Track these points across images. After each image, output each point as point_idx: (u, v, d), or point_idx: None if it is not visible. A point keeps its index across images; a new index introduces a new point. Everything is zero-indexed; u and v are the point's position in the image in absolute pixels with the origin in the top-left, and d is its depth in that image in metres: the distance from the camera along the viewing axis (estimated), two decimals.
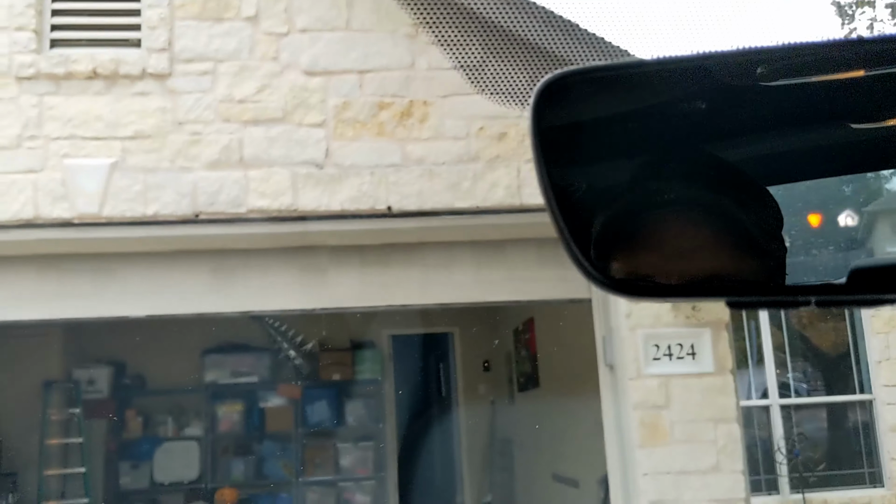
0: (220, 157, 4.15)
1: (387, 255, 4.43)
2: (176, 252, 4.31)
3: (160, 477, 8.88)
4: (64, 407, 8.16)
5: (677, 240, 0.80)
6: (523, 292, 4.60)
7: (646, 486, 4.16)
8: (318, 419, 9.33)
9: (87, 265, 4.30)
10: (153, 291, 4.30)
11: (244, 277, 4.37)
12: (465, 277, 4.46)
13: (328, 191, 4.17)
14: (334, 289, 4.40)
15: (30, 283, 4.25)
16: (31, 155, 4.07)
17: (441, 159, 4.27)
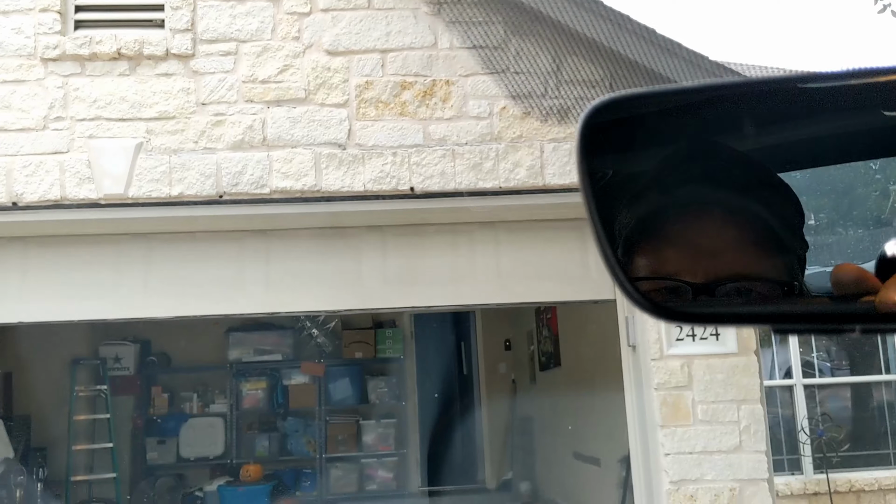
0: (244, 137, 4.17)
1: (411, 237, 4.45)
2: (200, 233, 4.35)
3: (186, 452, 9.02)
4: (91, 384, 8.30)
5: (704, 239, 0.81)
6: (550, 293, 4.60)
7: (668, 465, 4.17)
8: (340, 397, 9.41)
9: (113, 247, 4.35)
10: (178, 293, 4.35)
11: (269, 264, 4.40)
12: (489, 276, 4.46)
13: (351, 171, 4.18)
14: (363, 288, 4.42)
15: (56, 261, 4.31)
16: (58, 136, 4.11)
17: (463, 139, 4.26)
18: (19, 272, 4.28)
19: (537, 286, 4.51)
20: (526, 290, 4.52)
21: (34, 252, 4.31)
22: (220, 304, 4.41)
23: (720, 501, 4.14)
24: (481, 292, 4.50)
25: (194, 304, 4.35)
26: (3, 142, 4.08)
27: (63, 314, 4.34)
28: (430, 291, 4.47)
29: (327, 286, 4.40)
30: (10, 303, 4.26)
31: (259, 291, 4.37)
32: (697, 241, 0.81)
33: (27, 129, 4.10)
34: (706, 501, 4.14)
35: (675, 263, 0.81)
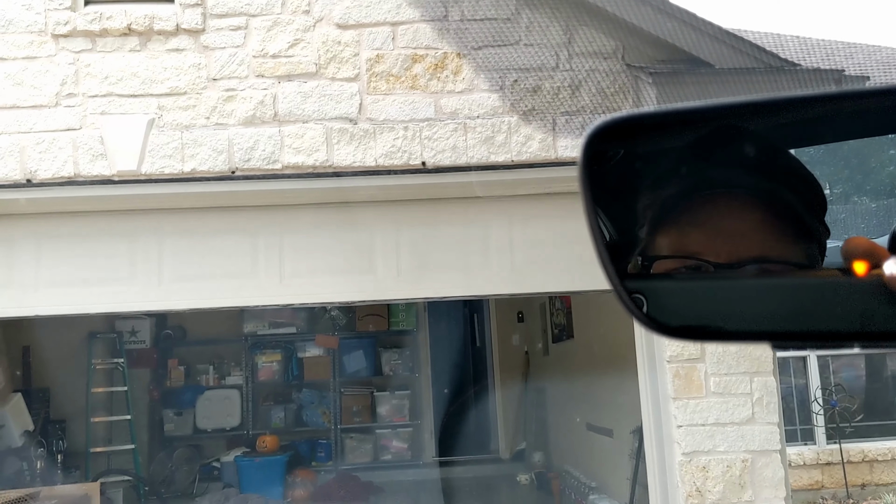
0: (255, 113, 4.16)
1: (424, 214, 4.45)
2: (213, 208, 4.36)
3: (203, 424, 9.13)
4: (108, 357, 8.39)
5: (728, 220, 0.82)
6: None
7: (680, 437, 4.19)
8: (354, 369, 9.49)
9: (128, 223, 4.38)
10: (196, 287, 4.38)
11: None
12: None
13: (362, 146, 4.17)
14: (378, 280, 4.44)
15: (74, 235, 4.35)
16: (70, 113, 4.12)
17: (475, 113, 4.24)
18: (33, 254, 4.31)
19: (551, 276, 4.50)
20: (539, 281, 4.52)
21: (48, 231, 4.34)
22: (234, 296, 4.43)
23: (732, 472, 4.17)
24: (496, 284, 4.50)
25: (208, 296, 4.38)
26: (15, 119, 4.09)
27: (78, 306, 4.37)
28: (443, 277, 4.47)
29: (340, 271, 4.41)
30: (24, 291, 4.29)
31: (273, 284, 4.38)
32: (721, 222, 0.82)
33: (39, 106, 4.11)
34: (718, 472, 4.16)
35: (698, 244, 0.82)
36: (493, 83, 4.25)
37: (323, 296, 4.54)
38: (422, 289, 4.51)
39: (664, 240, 0.85)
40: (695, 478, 4.16)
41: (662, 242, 0.85)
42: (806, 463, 7.51)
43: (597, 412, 6.78)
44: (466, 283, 4.45)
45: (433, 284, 4.44)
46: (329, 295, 4.55)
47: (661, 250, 0.84)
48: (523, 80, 4.24)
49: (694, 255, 0.81)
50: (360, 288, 4.45)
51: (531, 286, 4.56)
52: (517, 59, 4.22)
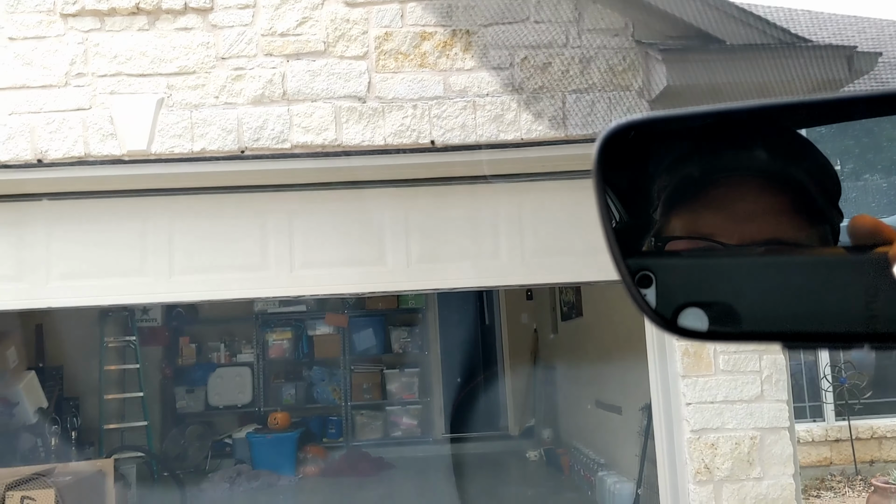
0: (264, 92, 4.16)
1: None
2: (223, 188, 4.37)
3: (214, 401, 9.22)
4: (120, 335, 8.46)
5: (742, 203, 0.83)
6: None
7: (689, 414, 4.20)
8: (364, 347, 9.54)
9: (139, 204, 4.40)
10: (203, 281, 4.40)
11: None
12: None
13: (371, 125, 4.17)
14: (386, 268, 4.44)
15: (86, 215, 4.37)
16: (80, 92, 4.12)
17: (484, 90, 4.22)
18: (44, 238, 4.34)
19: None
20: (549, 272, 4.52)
21: (59, 212, 4.36)
22: (244, 288, 4.45)
23: (741, 449, 4.19)
24: (506, 274, 4.49)
25: (219, 287, 4.39)
26: (25, 98, 4.10)
27: (89, 298, 4.40)
28: (453, 267, 4.46)
29: (350, 262, 4.41)
30: (36, 280, 4.32)
31: (283, 274, 4.39)
32: (735, 204, 0.83)
33: (49, 86, 4.12)
34: (727, 449, 4.18)
35: (710, 225, 0.82)
36: (503, 61, 4.23)
37: (333, 287, 4.55)
38: (432, 280, 4.51)
39: (677, 221, 0.85)
40: (703, 455, 4.18)
41: (675, 224, 0.85)
42: (815, 440, 7.53)
43: (605, 389, 6.81)
44: (477, 274, 4.45)
45: (443, 275, 4.44)
46: (339, 287, 4.56)
47: (673, 232, 0.85)
48: (532, 57, 4.21)
49: (707, 236, 0.82)
50: (370, 279, 4.45)
51: (542, 276, 4.55)
52: (526, 36, 4.20)
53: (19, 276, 4.33)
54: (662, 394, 4.37)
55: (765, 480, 4.18)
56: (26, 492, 5.11)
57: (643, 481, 5.53)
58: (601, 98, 4.18)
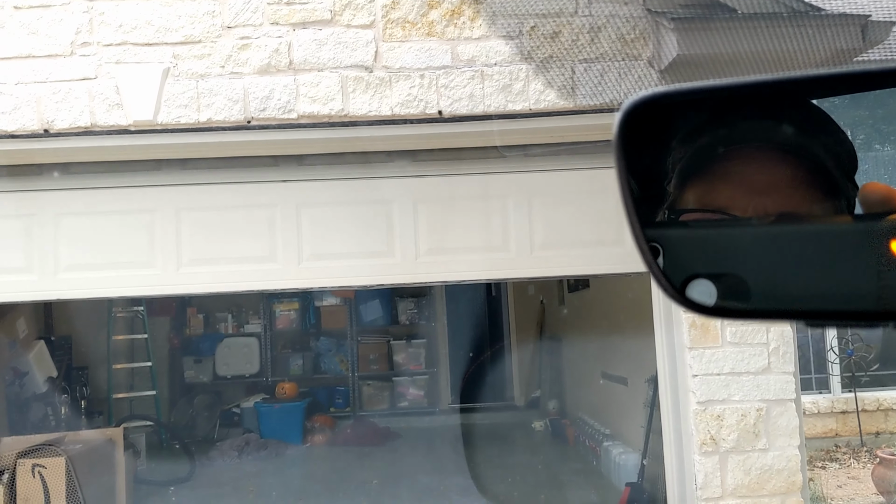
0: (270, 61, 4.13)
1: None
2: (230, 158, 4.36)
3: (222, 371, 9.28)
4: (128, 305, 8.49)
5: (757, 175, 0.81)
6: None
7: (695, 386, 4.21)
8: (371, 318, 9.57)
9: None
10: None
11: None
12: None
13: (378, 95, 4.14)
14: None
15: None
16: (85, 62, 4.10)
17: (492, 60, 4.18)
18: (52, 231, 4.33)
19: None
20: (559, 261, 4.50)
21: (66, 202, 4.35)
22: (252, 280, 4.45)
23: (747, 421, 4.20)
24: (515, 267, 4.48)
25: (227, 279, 4.40)
26: (31, 68, 4.08)
27: (99, 288, 4.41)
28: (461, 259, 4.44)
29: (359, 254, 4.41)
30: (45, 272, 4.32)
31: (291, 267, 4.39)
32: (750, 177, 0.81)
33: (55, 56, 4.09)
34: (733, 421, 4.19)
35: (725, 198, 0.81)
36: (511, 29, 4.18)
37: (341, 279, 4.54)
38: (440, 272, 4.49)
39: (691, 194, 0.84)
40: (709, 426, 4.19)
41: (689, 197, 0.84)
42: (820, 411, 7.55)
43: (612, 361, 6.82)
44: (487, 266, 4.44)
45: (452, 266, 4.41)
46: (347, 279, 4.55)
47: (687, 204, 0.84)
48: (541, 26, 4.16)
49: (721, 209, 0.81)
50: (379, 271, 4.44)
51: (552, 268, 4.53)
52: (535, 4, 4.14)
53: (28, 267, 4.34)
54: (669, 365, 4.37)
55: (770, 452, 4.20)
56: (37, 459, 5.16)
57: (648, 452, 5.56)
58: (611, 68, 4.14)
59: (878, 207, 0.67)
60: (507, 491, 6.07)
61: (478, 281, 4.71)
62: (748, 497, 4.17)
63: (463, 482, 6.12)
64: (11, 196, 4.33)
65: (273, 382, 9.11)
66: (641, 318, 4.74)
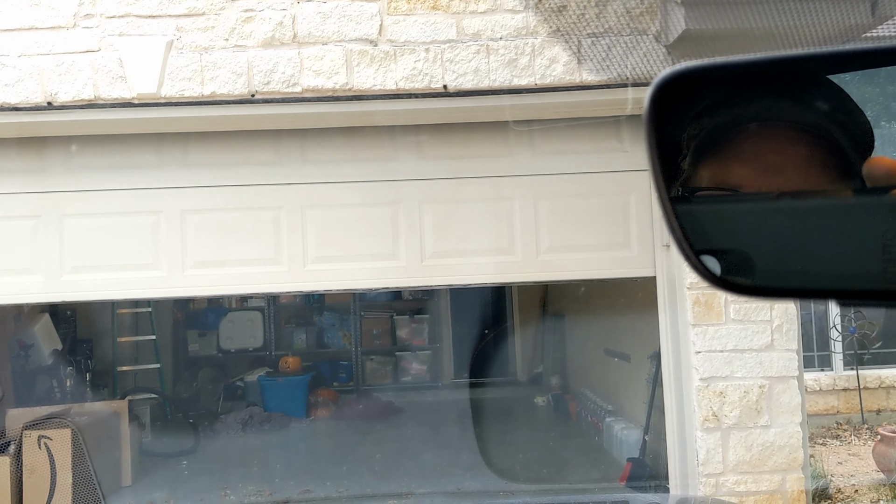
0: (274, 34, 4.10)
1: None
2: (234, 132, 4.34)
3: (226, 345, 9.32)
4: None
5: (772, 155, 0.81)
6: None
7: (698, 363, 4.22)
8: (374, 293, 9.58)
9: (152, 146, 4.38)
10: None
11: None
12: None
13: (382, 69, 4.11)
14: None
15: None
16: (88, 34, 4.07)
17: (498, 34, 4.15)
18: (56, 232, 4.32)
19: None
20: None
21: (72, 185, 4.34)
22: (257, 282, 4.46)
23: (749, 398, 4.21)
24: (522, 269, 4.49)
25: (233, 282, 4.40)
26: (34, 40, 4.06)
27: (104, 290, 4.41)
28: (468, 261, 4.43)
29: (364, 256, 4.41)
30: (51, 270, 4.31)
31: (297, 268, 4.38)
32: (765, 156, 0.81)
33: (58, 28, 4.06)
34: (735, 398, 4.21)
35: (739, 177, 0.80)
36: (517, 3, 4.14)
37: (346, 282, 4.52)
38: (446, 275, 4.47)
39: (705, 172, 0.83)
40: (711, 403, 4.21)
41: (703, 174, 0.83)
42: (822, 388, 7.57)
43: (615, 337, 6.83)
44: (493, 269, 4.43)
45: (457, 270, 4.40)
46: (352, 282, 4.53)
47: (701, 182, 0.83)
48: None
49: (734, 188, 0.80)
50: (385, 273, 4.43)
51: (558, 271, 4.51)
52: None
53: (34, 269, 4.32)
54: (672, 342, 4.38)
55: (772, 428, 4.22)
56: (43, 431, 5.21)
57: (650, 428, 5.59)
58: (617, 42, 4.11)
59: (884, 182, 0.67)
60: (509, 465, 6.11)
61: (483, 285, 4.71)
62: (749, 473, 4.20)
63: (465, 456, 6.16)
64: (17, 197, 4.30)
65: (277, 356, 9.14)
66: (645, 295, 4.74)
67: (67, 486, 5.08)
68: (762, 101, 0.82)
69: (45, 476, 5.08)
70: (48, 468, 5.09)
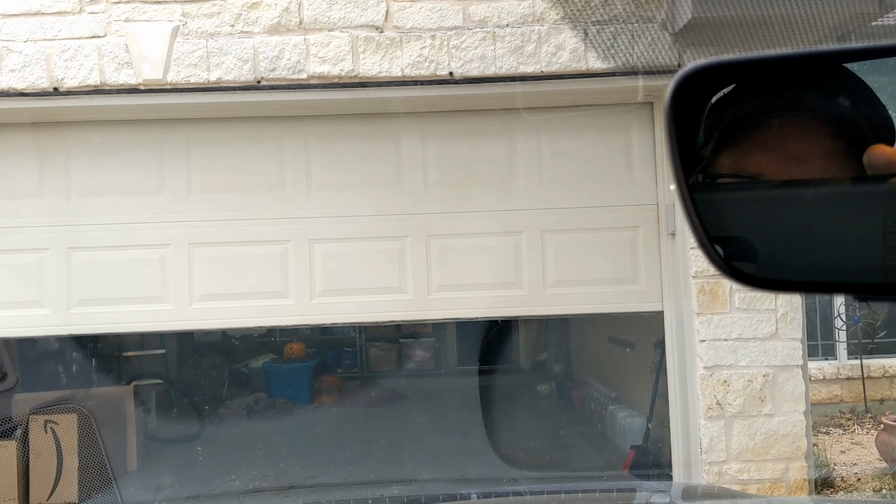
0: (280, 20, 4.09)
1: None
2: (240, 119, 4.34)
3: (231, 331, 9.32)
4: None
5: (794, 144, 0.80)
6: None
7: (702, 351, 4.22)
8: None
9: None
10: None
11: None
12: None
13: (388, 56, 4.10)
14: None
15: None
16: (94, 20, 4.07)
17: (504, 21, 4.13)
18: (65, 255, 4.31)
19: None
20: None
21: (78, 219, 4.32)
22: (265, 316, 4.45)
23: (753, 386, 4.22)
24: (530, 306, 4.51)
25: (240, 315, 4.39)
26: (40, 25, 4.06)
27: (110, 324, 4.41)
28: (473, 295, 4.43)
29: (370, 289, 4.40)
30: (58, 302, 4.31)
31: (304, 301, 4.37)
32: (786, 145, 0.81)
33: (64, 13, 4.06)
34: (739, 386, 4.21)
35: (760, 165, 0.80)
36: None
37: (353, 316, 4.51)
38: (453, 309, 4.43)
39: (725, 160, 0.83)
40: (715, 391, 4.21)
41: (723, 162, 0.83)
42: (826, 377, 7.58)
43: (618, 326, 6.84)
44: (500, 303, 4.43)
45: (465, 303, 4.38)
46: (359, 315, 4.53)
47: (721, 169, 0.83)
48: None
49: (755, 176, 0.80)
50: (392, 307, 4.41)
51: (565, 306, 4.50)
52: None
53: (41, 301, 4.30)
54: (676, 331, 4.38)
55: (776, 417, 4.22)
56: (49, 416, 5.23)
57: (654, 416, 5.60)
58: (624, 30, 4.09)
59: (884, 170, 0.67)
60: (512, 452, 6.13)
61: (491, 318, 4.69)
62: (752, 461, 4.21)
63: (468, 443, 6.18)
64: (23, 230, 4.28)
65: (281, 343, 9.17)
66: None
67: (73, 471, 5.11)
68: (786, 92, 0.82)
69: (52, 460, 5.11)
70: (54, 452, 5.13)
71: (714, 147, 0.84)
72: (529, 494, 2.13)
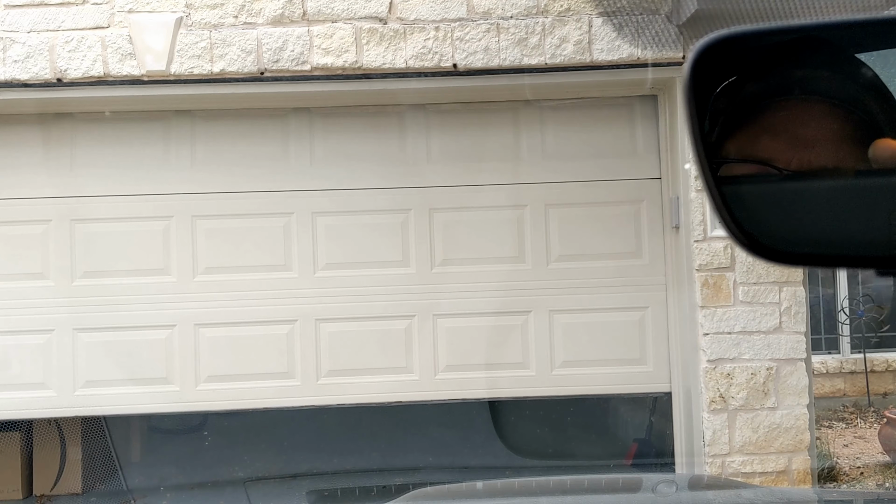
0: (283, 11, 4.08)
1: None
2: (243, 110, 4.33)
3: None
4: None
5: (802, 128, 0.80)
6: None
7: (706, 345, 4.22)
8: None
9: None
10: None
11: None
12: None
13: (392, 47, 4.09)
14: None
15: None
16: (98, 11, 4.06)
17: (508, 12, 4.12)
18: (70, 336, 4.30)
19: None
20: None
21: (86, 290, 4.33)
22: (272, 397, 4.42)
23: (756, 380, 4.21)
24: (538, 386, 4.51)
25: (246, 396, 4.38)
26: (44, 16, 4.05)
27: (118, 405, 4.37)
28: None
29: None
30: (64, 384, 4.30)
31: (311, 382, 4.37)
32: (796, 129, 0.80)
33: (67, 4, 4.05)
34: (742, 380, 4.21)
35: (769, 150, 0.80)
36: None
37: (360, 396, 4.48)
38: (460, 389, 4.44)
39: (734, 144, 0.82)
40: (719, 384, 4.21)
41: (731, 147, 0.82)
42: (829, 371, 7.57)
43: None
44: (507, 384, 4.44)
45: (472, 384, 4.40)
46: (367, 396, 4.49)
47: (729, 154, 0.82)
48: None
49: (764, 161, 0.79)
50: (399, 387, 4.41)
51: (572, 386, 4.50)
52: None
53: (46, 384, 4.29)
54: (679, 324, 4.38)
55: (779, 410, 4.22)
56: None
57: (657, 409, 5.60)
58: (628, 22, 4.07)
59: (889, 164, 0.67)
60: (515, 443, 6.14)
61: (498, 399, 4.68)
62: (756, 454, 4.21)
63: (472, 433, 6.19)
64: (23, 311, 4.28)
65: None
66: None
67: (77, 463, 5.13)
68: (795, 74, 0.81)
69: (55, 452, 5.13)
70: (58, 443, 5.14)
71: (721, 130, 0.84)
72: (535, 483, 2.13)
